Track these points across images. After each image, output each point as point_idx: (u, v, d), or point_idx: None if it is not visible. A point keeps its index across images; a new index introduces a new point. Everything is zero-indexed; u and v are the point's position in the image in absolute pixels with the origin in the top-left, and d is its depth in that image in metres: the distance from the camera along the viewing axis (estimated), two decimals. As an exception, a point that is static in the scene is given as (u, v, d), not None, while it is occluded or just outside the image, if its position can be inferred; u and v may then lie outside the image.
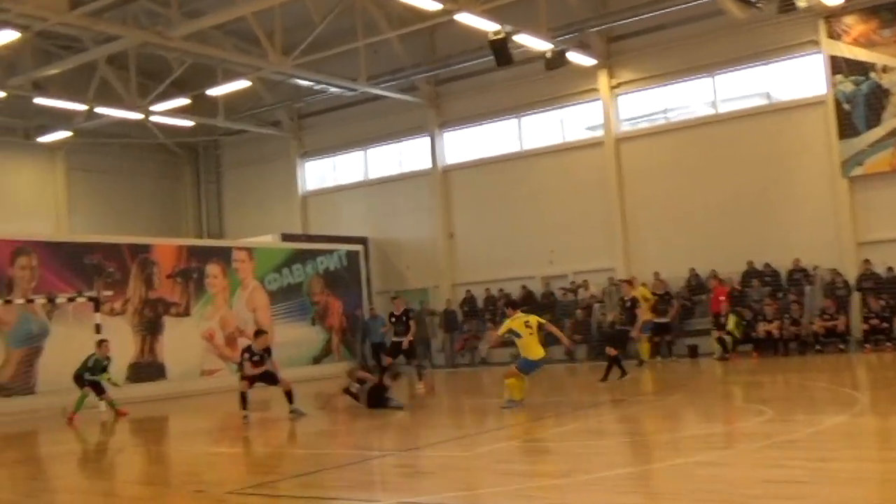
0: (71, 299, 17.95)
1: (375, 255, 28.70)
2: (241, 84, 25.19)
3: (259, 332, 15.61)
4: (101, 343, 16.58)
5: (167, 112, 27.29)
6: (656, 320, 19.80)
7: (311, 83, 27.12)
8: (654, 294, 20.57)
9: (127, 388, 19.08)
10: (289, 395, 14.50)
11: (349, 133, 30.11)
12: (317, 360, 24.60)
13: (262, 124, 31.02)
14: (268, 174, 32.18)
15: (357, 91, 27.67)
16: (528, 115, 26.97)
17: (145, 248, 21.06)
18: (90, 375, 16.15)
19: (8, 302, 17.39)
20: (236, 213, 33.12)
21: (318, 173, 31.48)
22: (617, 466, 7.87)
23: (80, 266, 19.67)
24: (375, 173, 29.92)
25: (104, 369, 16.29)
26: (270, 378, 14.91)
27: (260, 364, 14.76)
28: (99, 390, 16.39)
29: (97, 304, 18.06)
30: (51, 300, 17.87)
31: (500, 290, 25.48)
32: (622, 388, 15.20)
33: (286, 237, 26.76)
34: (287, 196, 31.61)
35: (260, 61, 23.89)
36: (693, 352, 21.48)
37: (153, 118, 27.57)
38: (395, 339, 18.15)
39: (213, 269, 22.24)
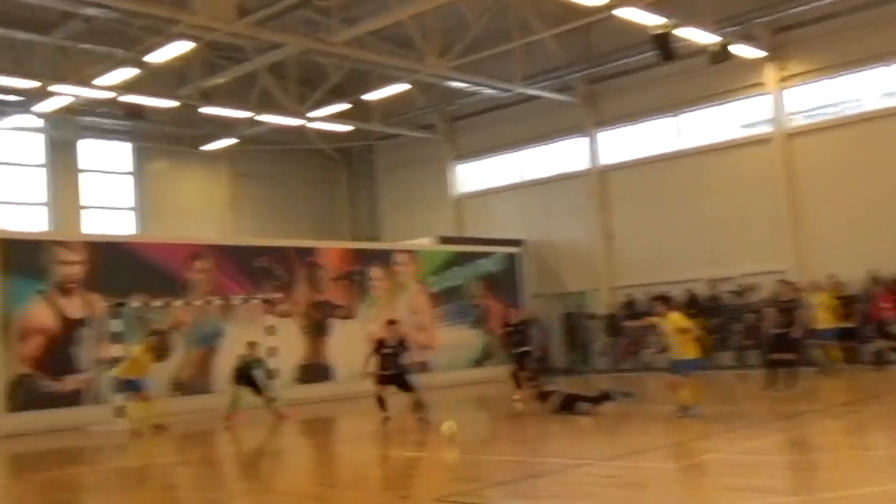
0: (246, 301, 18.37)
1: (531, 258, 28.37)
2: (399, 88, 25.32)
3: (392, 322, 15.12)
4: (251, 344, 16.87)
5: (325, 118, 27.80)
6: (842, 325, 18.65)
7: (465, 85, 27.06)
8: (837, 298, 19.39)
9: (295, 389, 19.44)
10: (419, 405, 14.17)
11: (503, 135, 29.91)
12: (477, 363, 24.47)
13: (416, 128, 31.20)
14: (421, 177, 32.34)
15: (511, 92, 27.45)
16: (689, 111, 26.08)
17: (311, 252, 21.42)
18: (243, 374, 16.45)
19: (188, 304, 17.93)
20: (391, 216, 33.44)
21: (472, 176, 31.40)
22: (862, 484, 7.21)
23: (251, 269, 20.16)
24: (530, 175, 29.57)
25: (253, 370, 16.52)
26: (403, 384, 14.40)
27: (393, 359, 14.19)
28: (257, 391, 16.65)
29: (270, 305, 18.42)
30: (227, 302, 18.33)
31: (661, 293, 24.65)
32: (814, 396, 14.35)
33: (443, 240, 26.74)
34: (441, 199, 31.67)
35: (416, 64, 23.95)
36: (878, 358, 20.16)
37: (312, 124, 28.13)
38: (520, 350, 17.23)
39: (376, 271, 22.42)
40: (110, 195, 28.95)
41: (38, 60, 23.57)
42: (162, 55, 21.36)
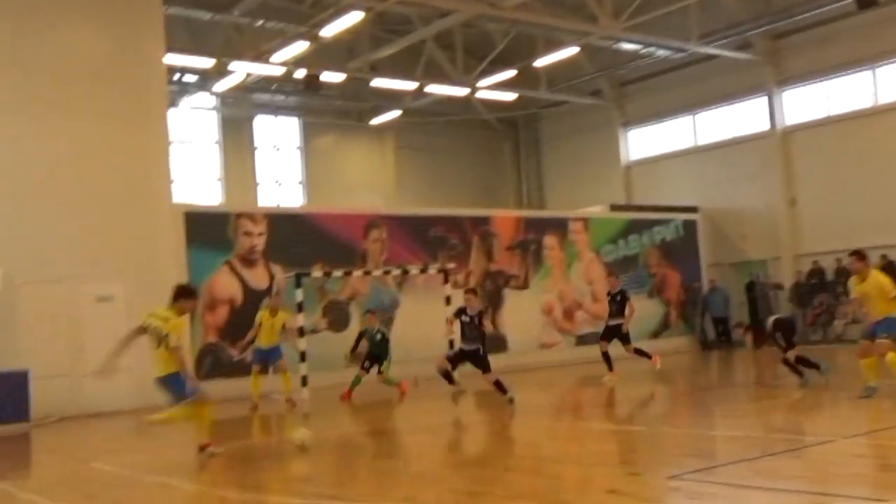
0: (422, 271, 18.12)
1: (706, 225, 27.03)
2: (568, 52, 24.53)
3: (470, 290, 14.10)
4: (367, 313, 16.48)
5: (491, 86, 27.29)
6: None
7: (637, 47, 25.97)
8: None
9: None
10: (499, 385, 13.21)
11: (675, 98, 28.54)
12: (655, 335, 23.51)
13: (583, 94, 30.25)
14: (589, 145, 31.39)
15: (685, 52, 26.15)
16: (886, 65, 24.07)
17: (485, 220, 21.01)
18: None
19: (367, 273, 17.85)
20: (557, 185, 32.68)
21: (642, 142, 30.21)
22: None
23: (425, 238, 19.93)
24: (705, 139, 28.14)
25: (378, 343, 15.83)
26: (479, 361, 13.23)
27: (474, 331, 13.15)
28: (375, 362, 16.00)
29: (447, 276, 18.08)
30: (404, 272, 18.13)
31: (858, 249, 22.92)
32: None
33: (615, 208, 25.81)
34: (609, 166, 30.64)
35: (590, 26, 23.05)
36: None
37: (478, 94, 27.69)
38: (610, 323, 16.44)
39: (550, 240, 21.81)
40: (279, 170, 29.46)
41: (215, 39, 24.08)
42: (334, 28, 21.40)
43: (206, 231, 17.34)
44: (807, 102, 25.75)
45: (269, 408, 15.30)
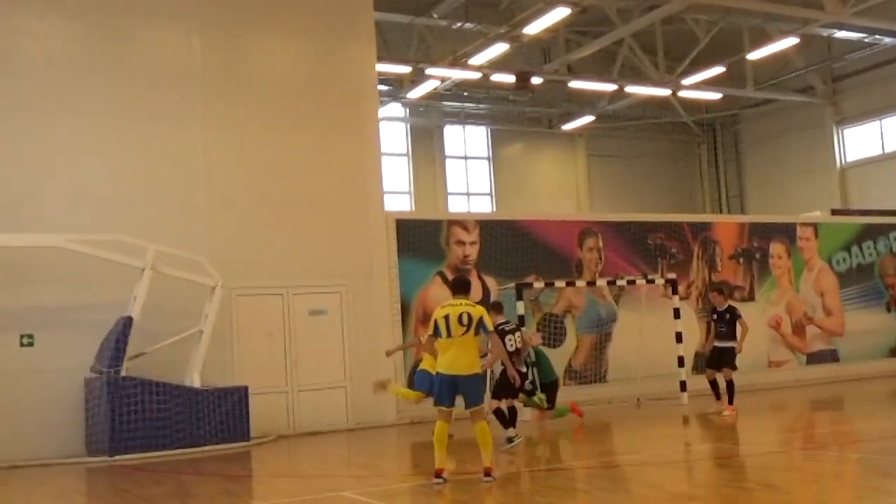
0: (649, 281, 16.71)
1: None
2: (788, 42, 22.56)
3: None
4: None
5: (695, 85, 25.60)
6: None
7: (861, 35, 23.69)
8: None
9: (691, 379, 17.47)
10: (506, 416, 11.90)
11: (898, 92, 26.04)
12: (894, 353, 21.15)
13: (792, 92, 28.05)
14: (795, 147, 29.14)
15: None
16: None
17: (706, 227, 19.36)
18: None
19: (591, 284, 16.59)
20: (759, 191, 30.51)
21: (859, 141, 27.68)
22: None
23: (644, 247, 18.49)
24: (937, 136, 25.48)
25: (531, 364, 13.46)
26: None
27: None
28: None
29: (675, 287, 16.62)
30: (630, 282, 16.77)
31: None
32: None
33: (836, 213, 23.55)
34: (820, 169, 28.31)
35: (815, 13, 21.07)
36: None
37: (681, 93, 26.05)
38: (716, 345, 14.43)
39: (776, 248, 19.91)
40: (468, 180, 28.67)
41: (408, 44, 23.50)
42: (538, 26, 20.39)
43: (418, 240, 16.52)
44: None
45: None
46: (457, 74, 23.20)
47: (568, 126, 28.95)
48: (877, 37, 23.69)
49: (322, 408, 15.34)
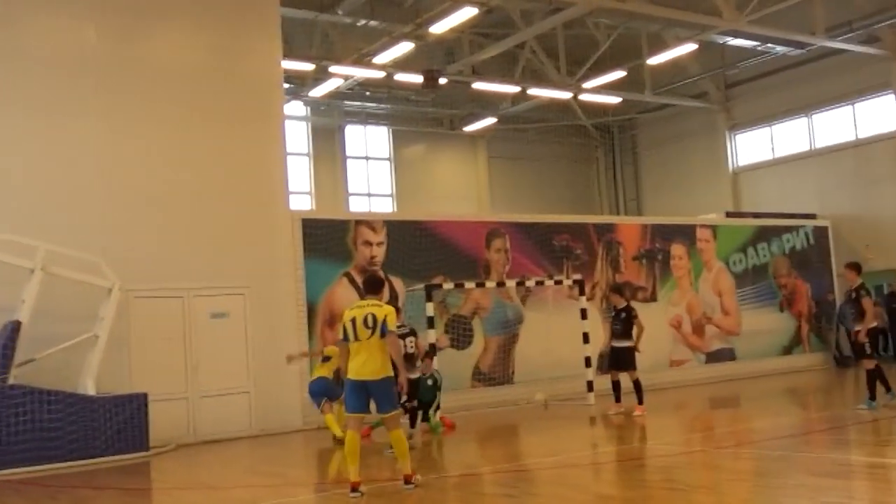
0: (558, 282, 16.74)
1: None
2: (687, 48, 23.00)
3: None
4: (427, 358, 13.69)
5: (596, 89, 25.88)
6: None
7: (754, 44, 24.32)
8: None
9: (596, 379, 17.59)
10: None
11: (788, 99, 26.83)
12: (787, 351, 21.82)
13: (687, 98, 28.67)
14: (690, 151, 29.78)
15: (804, 50, 24.52)
16: None
17: (610, 228, 19.54)
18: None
19: (500, 285, 16.48)
20: (655, 194, 31.07)
21: (751, 146, 28.48)
22: None
23: (549, 248, 18.53)
24: (823, 142, 26.33)
25: (429, 388, 13.29)
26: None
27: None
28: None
29: (581, 288, 16.68)
30: (538, 283, 16.76)
31: None
32: None
33: (731, 216, 24.16)
34: (714, 173, 28.97)
35: (712, 20, 21.50)
36: None
37: (582, 96, 26.28)
38: (613, 345, 14.64)
39: (677, 249, 20.27)
40: (368, 180, 28.30)
41: (311, 41, 23.00)
42: (445, 24, 20.18)
43: (324, 240, 16.12)
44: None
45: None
46: (361, 73, 22.81)
47: (469, 128, 28.89)
48: (769, 45, 24.35)
49: (224, 414, 14.79)
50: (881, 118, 24.88)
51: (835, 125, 26.10)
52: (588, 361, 16.51)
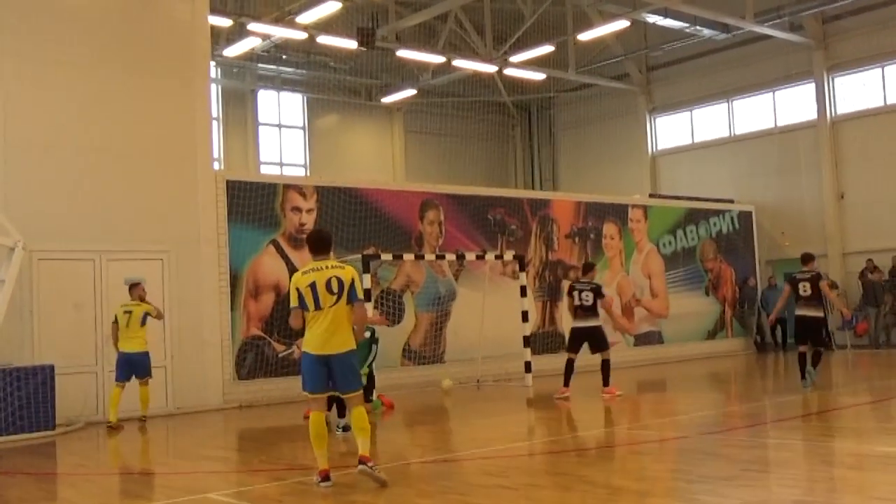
0: (499, 257, 15.96)
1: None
2: (620, 24, 22.49)
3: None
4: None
5: (521, 64, 25.22)
6: None
7: (684, 25, 24.04)
8: None
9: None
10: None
11: (710, 84, 26.73)
12: (711, 335, 21.67)
13: (609, 79, 28.30)
14: (609, 133, 29.47)
15: (730, 34, 24.43)
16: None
17: (545, 204, 18.87)
18: None
19: (440, 257, 15.58)
20: (572, 176, 30.64)
21: (670, 130, 28.35)
22: None
23: (484, 222, 17.72)
24: (743, 128, 26.35)
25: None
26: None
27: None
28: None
29: (522, 264, 15.95)
30: (479, 257, 15.93)
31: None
32: None
33: (654, 197, 23.88)
34: (632, 156, 28.75)
35: (647, -4, 21.08)
36: None
37: (506, 71, 25.58)
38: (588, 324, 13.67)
39: (609, 228, 19.77)
40: (277, 149, 26.93)
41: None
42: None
43: (251, 205, 14.89)
44: (857, 91, 24.18)
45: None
46: (281, 32, 21.47)
47: (387, 99, 27.82)
48: (697, 27, 24.13)
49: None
50: (802, 107, 25.01)
51: (755, 112, 26.15)
52: (526, 341, 15.79)
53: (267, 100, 26.76)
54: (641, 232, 20.44)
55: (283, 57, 25.51)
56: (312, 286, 7.40)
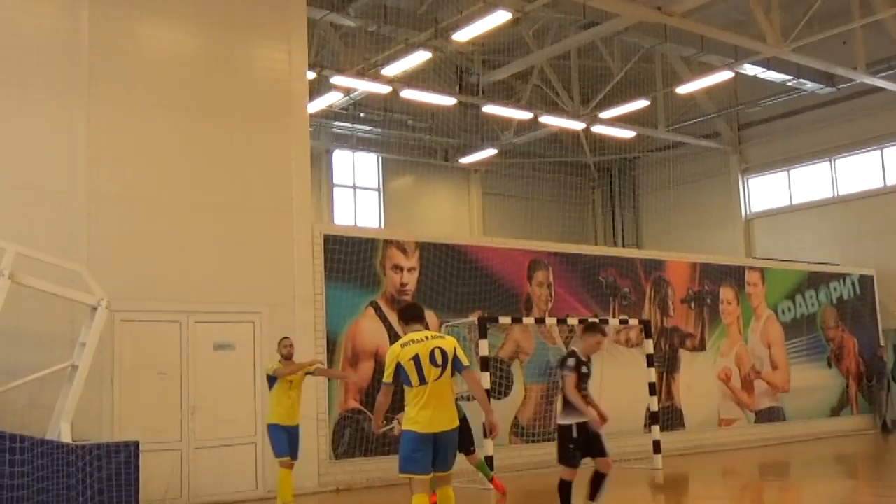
0: (623, 322, 14.31)
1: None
2: (723, 76, 21.00)
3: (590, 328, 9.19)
4: None
5: (610, 120, 23.84)
6: None
7: (787, 78, 22.53)
8: None
9: (642, 438, 15.25)
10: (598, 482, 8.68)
11: (808, 142, 25.11)
12: (834, 412, 19.61)
13: (699, 137, 26.77)
14: (697, 195, 27.82)
15: (835, 88, 22.90)
16: None
17: (659, 265, 17.19)
18: None
19: (562, 322, 13.93)
20: (657, 241, 28.94)
21: (765, 191, 26.62)
22: None
23: (595, 284, 16.09)
24: (847, 188, 24.56)
25: None
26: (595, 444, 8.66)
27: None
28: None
29: (648, 330, 14.26)
30: (603, 321, 14.26)
31: None
32: None
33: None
34: (724, 219, 27.03)
35: (758, 45, 19.60)
36: None
37: (594, 128, 24.20)
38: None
39: (727, 293, 18.01)
40: (351, 210, 25.66)
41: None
42: (471, 32, 17.87)
43: (349, 262, 13.43)
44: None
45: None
46: (365, 86, 20.26)
47: (466, 159, 26.53)
48: (801, 80, 22.60)
49: (225, 470, 11.88)
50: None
51: (860, 171, 24.39)
52: (655, 417, 14.01)
53: (342, 160, 25.62)
54: (759, 296, 18.63)
55: (361, 115, 24.38)
56: (416, 359, 6.88)
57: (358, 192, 25.91)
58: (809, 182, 25.44)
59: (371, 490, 12.66)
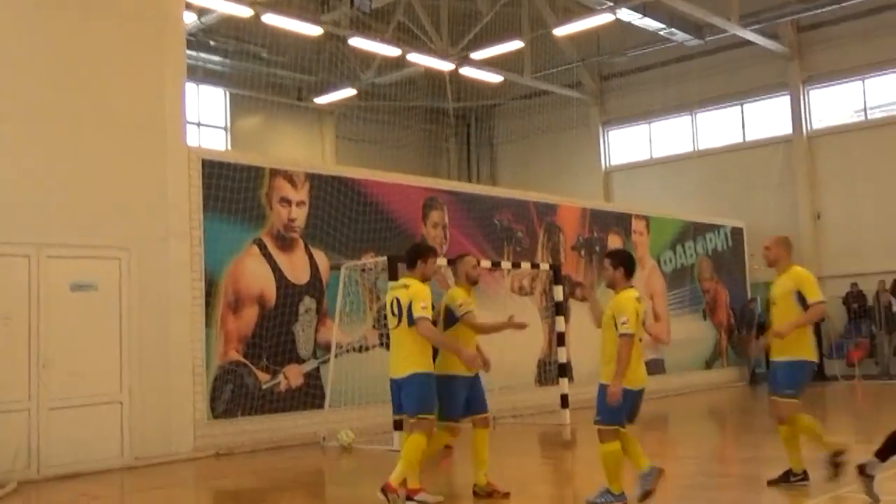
0: (535, 266, 13.15)
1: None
2: (604, 18, 20.16)
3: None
4: None
5: (479, 62, 22.67)
6: None
7: (661, 27, 22.04)
8: None
9: (533, 392, 14.43)
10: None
11: (671, 95, 24.91)
12: (708, 365, 19.44)
13: (563, 87, 26.06)
14: (556, 146, 27.22)
15: (702, 41, 22.68)
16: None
17: (552, 210, 16.18)
18: None
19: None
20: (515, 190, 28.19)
21: (625, 144, 26.33)
22: None
23: (490, 227, 14.91)
24: (708, 143, 24.57)
25: None
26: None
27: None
28: None
29: (557, 275, 13.24)
30: (515, 266, 13.10)
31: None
32: None
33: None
34: (583, 172, 26.57)
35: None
36: None
37: (462, 70, 22.94)
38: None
39: (614, 240, 17.27)
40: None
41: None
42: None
43: (230, 193, 11.59)
44: (836, 104, 22.81)
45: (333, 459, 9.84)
46: (224, 6, 18.08)
47: (322, 99, 24.68)
48: (672, 30, 22.16)
49: (84, 435, 9.89)
50: (776, 120, 23.43)
51: (722, 126, 24.44)
52: (563, 369, 13.06)
53: (186, 94, 23.12)
54: (644, 245, 18.05)
55: (211, 43, 22.04)
56: (390, 306, 7.32)
57: (203, 130, 23.57)
58: (670, 135, 25.31)
59: (256, 454, 10.99)
